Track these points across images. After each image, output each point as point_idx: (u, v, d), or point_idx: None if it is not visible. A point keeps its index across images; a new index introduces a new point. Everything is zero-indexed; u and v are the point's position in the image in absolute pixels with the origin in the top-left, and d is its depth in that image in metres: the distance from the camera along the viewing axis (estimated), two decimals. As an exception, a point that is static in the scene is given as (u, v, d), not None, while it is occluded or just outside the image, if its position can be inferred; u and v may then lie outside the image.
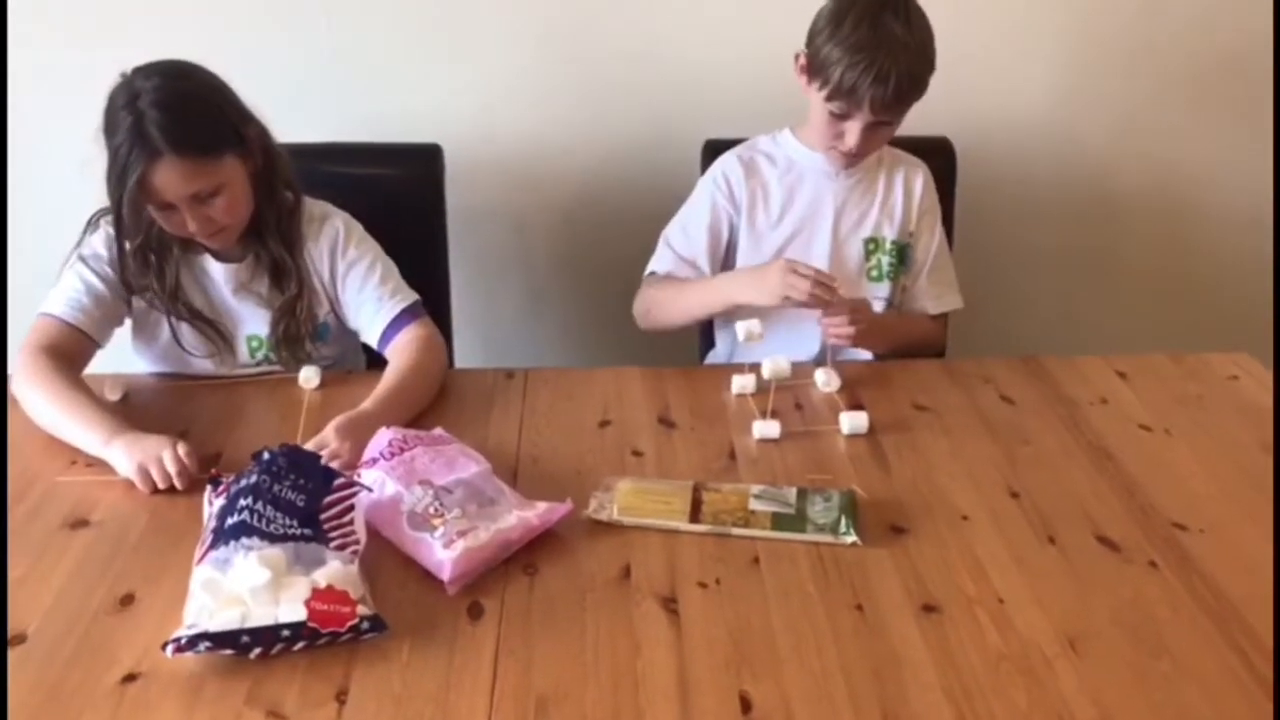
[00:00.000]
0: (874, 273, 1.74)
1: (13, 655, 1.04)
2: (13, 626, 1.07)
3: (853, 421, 1.43)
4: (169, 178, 1.41)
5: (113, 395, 1.50)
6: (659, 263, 1.75)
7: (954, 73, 1.64)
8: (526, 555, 1.18)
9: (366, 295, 1.59)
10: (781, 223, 1.73)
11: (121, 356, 1.62)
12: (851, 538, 1.20)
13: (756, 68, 1.98)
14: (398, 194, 1.86)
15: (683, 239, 1.75)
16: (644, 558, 1.18)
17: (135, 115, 1.39)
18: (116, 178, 1.41)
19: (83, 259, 1.54)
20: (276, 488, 1.14)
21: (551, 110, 2.09)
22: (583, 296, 2.25)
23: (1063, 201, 2.23)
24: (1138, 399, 1.53)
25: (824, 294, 1.51)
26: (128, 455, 1.30)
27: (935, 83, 1.81)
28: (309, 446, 1.29)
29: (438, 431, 1.35)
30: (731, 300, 1.63)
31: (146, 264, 1.53)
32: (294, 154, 1.69)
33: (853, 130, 1.61)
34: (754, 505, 1.25)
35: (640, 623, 1.08)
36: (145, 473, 1.28)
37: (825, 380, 1.55)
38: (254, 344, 1.60)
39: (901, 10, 1.56)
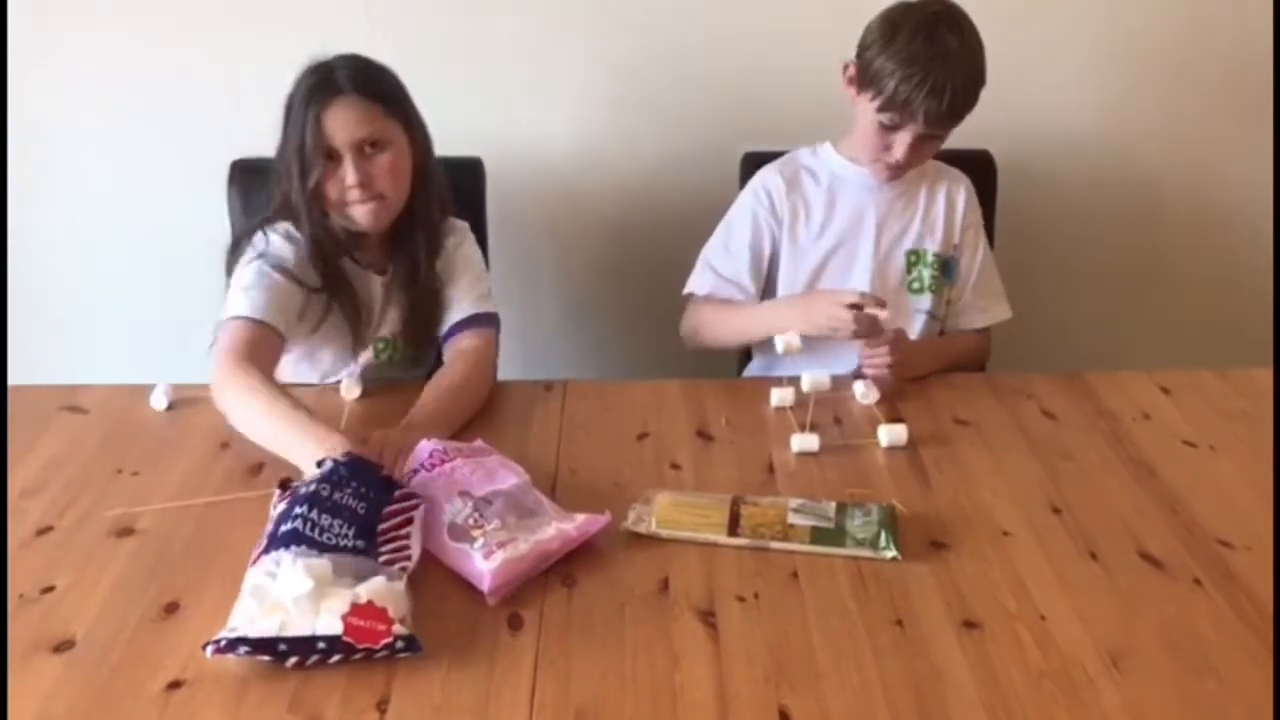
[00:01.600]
0: (915, 285, 1.74)
1: (60, 661, 1.05)
2: (61, 633, 1.09)
3: (891, 434, 1.43)
4: (344, 116, 1.49)
5: (158, 405, 1.52)
6: (699, 284, 1.76)
7: (994, 85, 1.62)
8: (565, 567, 1.18)
9: (461, 291, 1.63)
10: (823, 236, 1.73)
11: (167, 366, 1.65)
12: (891, 552, 1.20)
13: (796, 81, 1.99)
14: (439, 207, 1.88)
15: (725, 257, 1.75)
16: (682, 571, 1.18)
17: (326, 69, 1.50)
18: (297, 128, 1.49)
19: (261, 256, 1.53)
20: (338, 495, 1.15)
21: (590, 123, 2.10)
22: (622, 309, 2.26)
23: (1104, 214, 2.21)
24: (1181, 414, 1.52)
25: (870, 321, 1.52)
26: None
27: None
28: (372, 441, 1.32)
29: (478, 443, 1.36)
30: (777, 330, 1.61)
31: (315, 251, 1.56)
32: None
33: (901, 142, 1.61)
34: (793, 519, 1.24)
35: (678, 636, 1.09)
36: None
37: (864, 393, 1.54)
38: (380, 345, 1.64)
39: (955, 24, 1.56)
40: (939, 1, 1.59)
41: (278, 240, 1.56)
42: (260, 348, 1.45)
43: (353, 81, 1.50)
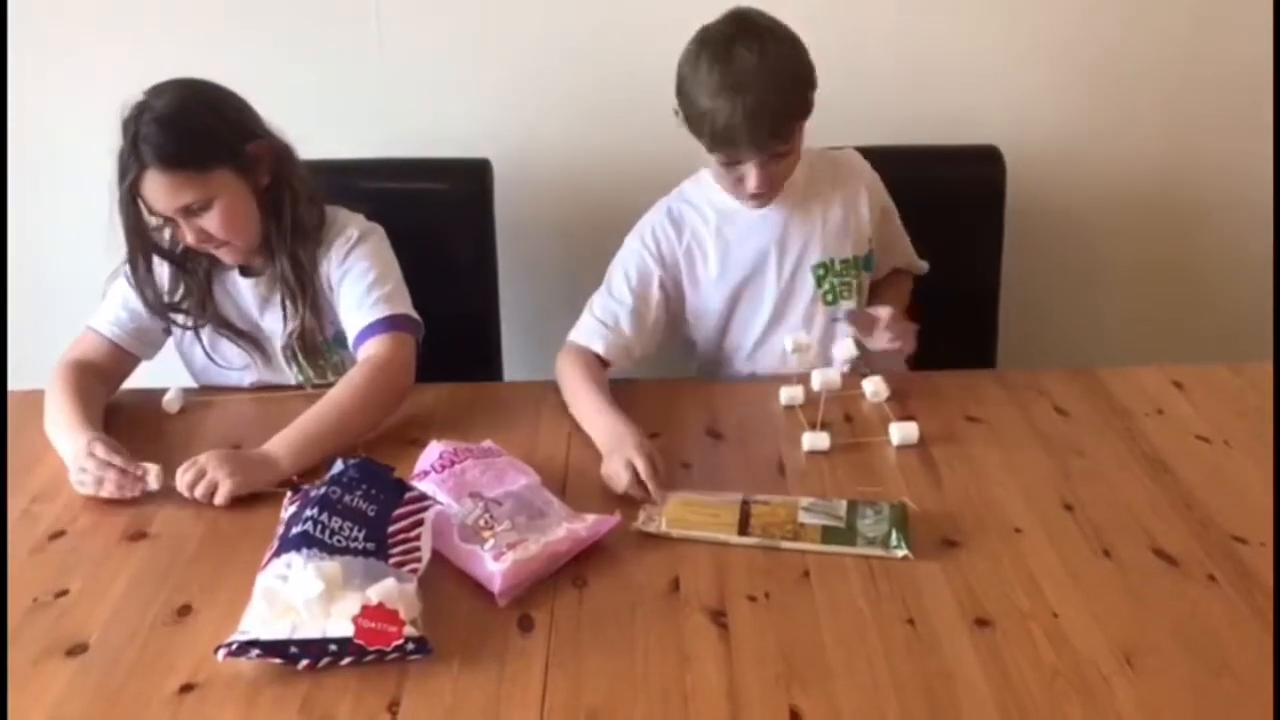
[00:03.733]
0: (828, 297, 1.67)
1: (74, 664, 1.06)
2: (74, 637, 1.09)
3: (903, 432, 1.42)
4: (154, 190, 1.45)
5: (171, 409, 1.53)
6: (579, 332, 1.63)
7: (1002, 81, 1.62)
8: (576, 568, 1.18)
9: (354, 298, 1.56)
10: (725, 274, 1.66)
11: (179, 369, 1.65)
12: (902, 551, 1.19)
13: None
14: (448, 208, 1.88)
15: (607, 301, 1.65)
16: (693, 571, 1.18)
17: (135, 129, 1.43)
18: (120, 192, 1.46)
19: (126, 276, 1.57)
20: (348, 498, 1.16)
21: (599, 124, 2.09)
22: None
23: (1114, 209, 2.19)
24: (1195, 410, 1.51)
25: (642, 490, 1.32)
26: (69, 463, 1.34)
27: (984, 92, 1.79)
28: (182, 470, 1.31)
29: (487, 444, 1.36)
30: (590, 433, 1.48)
31: (177, 276, 1.57)
32: (346, 169, 1.71)
33: (750, 174, 1.52)
34: (803, 518, 1.24)
35: (689, 636, 1.08)
36: (81, 482, 1.33)
37: (874, 391, 1.53)
38: (288, 354, 1.62)
39: (751, 39, 1.46)
40: (731, 19, 1.50)
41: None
42: (98, 361, 1.55)
43: (158, 154, 1.42)
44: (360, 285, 1.56)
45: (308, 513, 1.13)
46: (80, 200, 2.07)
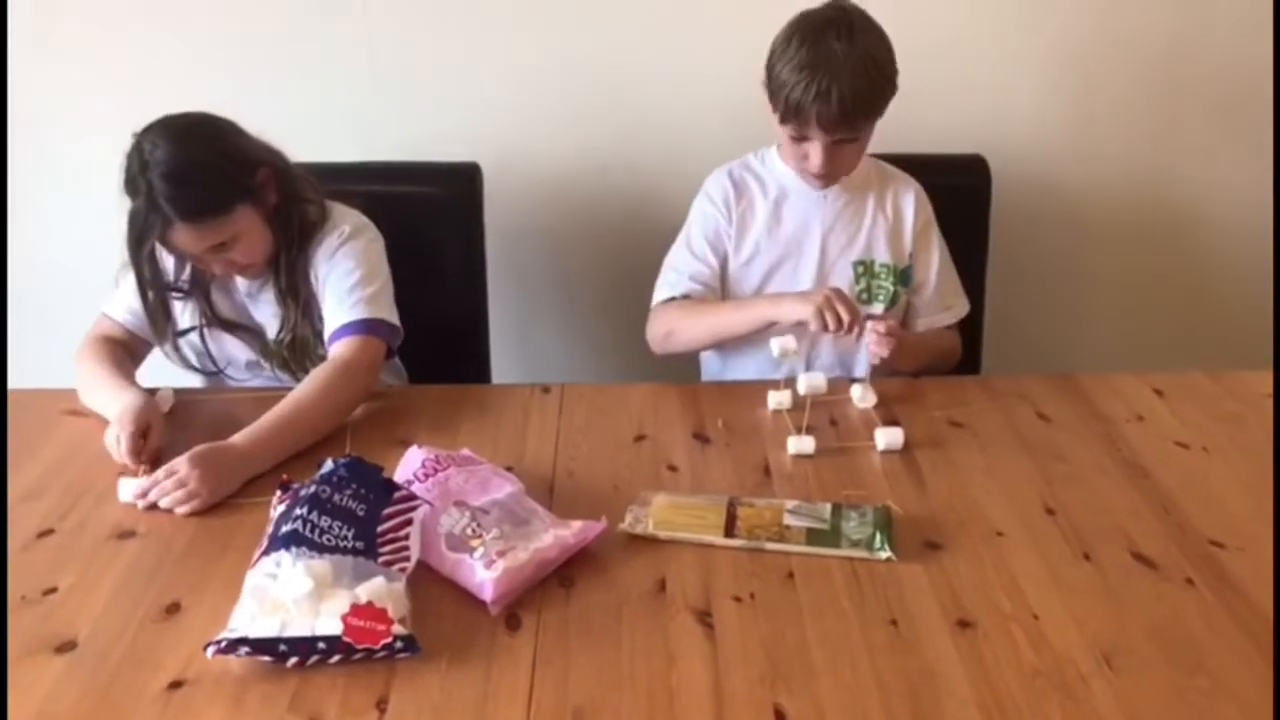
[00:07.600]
0: (863, 296, 1.72)
1: (63, 661, 1.06)
2: (63, 634, 1.10)
3: (888, 437, 1.44)
4: (184, 240, 1.49)
5: (162, 408, 1.53)
6: (666, 289, 1.74)
7: (988, 89, 1.63)
8: (563, 568, 1.19)
9: (336, 296, 1.58)
10: (769, 248, 1.72)
11: (169, 370, 1.66)
12: (886, 553, 1.21)
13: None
14: (437, 213, 1.89)
15: (689, 259, 1.73)
16: (679, 571, 1.19)
17: (147, 185, 1.44)
18: (135, 239, 1.49)
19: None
20: (337, 497, 1.16)
21: (587, 129, 2.11)
22: (619, 313, 2.26)
23: (1097, 217, 2.22)
24: (1175, 416, 1.53)
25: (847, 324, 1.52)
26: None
27: (969, 101, 1.80)
28: (159, 474, 1.31)
29: (466, 451, 1.36)
30: (767, 316, 1.61)
31: (187, 293, 1.62)
32: (336, 173, 1.72)
33: (814, 151, 1.60)
34: (788, 520, 1.25)
35: (675, 636, 1.09)
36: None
37: (861, 396, 1.55)
38: (277, 352, 1.64)
39: (844, 29, 1.55)
40: (833, 6, 1.59)
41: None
42: (117, 338, 1.63)
43: (180, 211, 1.44)
44: (344, 284, 1.58)
45: (297, 511, 1.14)
46: (80, 199, 2.09)
